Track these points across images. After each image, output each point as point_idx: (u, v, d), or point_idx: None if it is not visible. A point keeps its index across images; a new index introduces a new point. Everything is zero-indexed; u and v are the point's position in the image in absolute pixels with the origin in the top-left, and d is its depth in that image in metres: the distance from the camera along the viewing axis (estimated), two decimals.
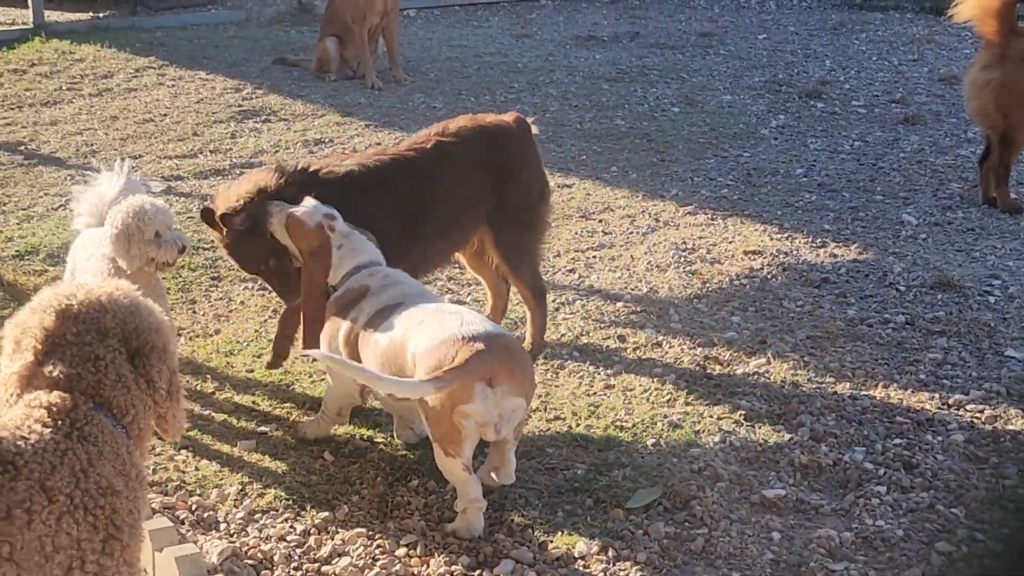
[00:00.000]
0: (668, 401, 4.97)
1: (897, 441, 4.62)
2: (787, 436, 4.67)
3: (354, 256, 4.46)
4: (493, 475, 4.19)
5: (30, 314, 2.86)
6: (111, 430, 2.74)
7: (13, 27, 12.82)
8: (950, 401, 4.95)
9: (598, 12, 14.55)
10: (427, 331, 3.96)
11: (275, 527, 4.04)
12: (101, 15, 13.88)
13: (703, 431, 4.70)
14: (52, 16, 13.17)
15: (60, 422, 2.65)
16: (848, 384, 5.11)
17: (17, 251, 5.72)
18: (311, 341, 4.39)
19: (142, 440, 2.88)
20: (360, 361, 4.20)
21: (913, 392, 5.03)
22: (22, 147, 8.57)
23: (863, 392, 5.03)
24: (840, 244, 6.75)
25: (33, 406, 2.69)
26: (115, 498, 2.66)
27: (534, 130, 5.32)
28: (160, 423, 2.95)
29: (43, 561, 2.50)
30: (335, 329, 4.35)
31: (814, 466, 4.44)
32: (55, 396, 2.71)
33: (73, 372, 2.76)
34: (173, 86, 10.33)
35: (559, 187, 7.77)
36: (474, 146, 5.12)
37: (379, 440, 4.61)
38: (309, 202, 4.53)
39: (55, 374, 2.75)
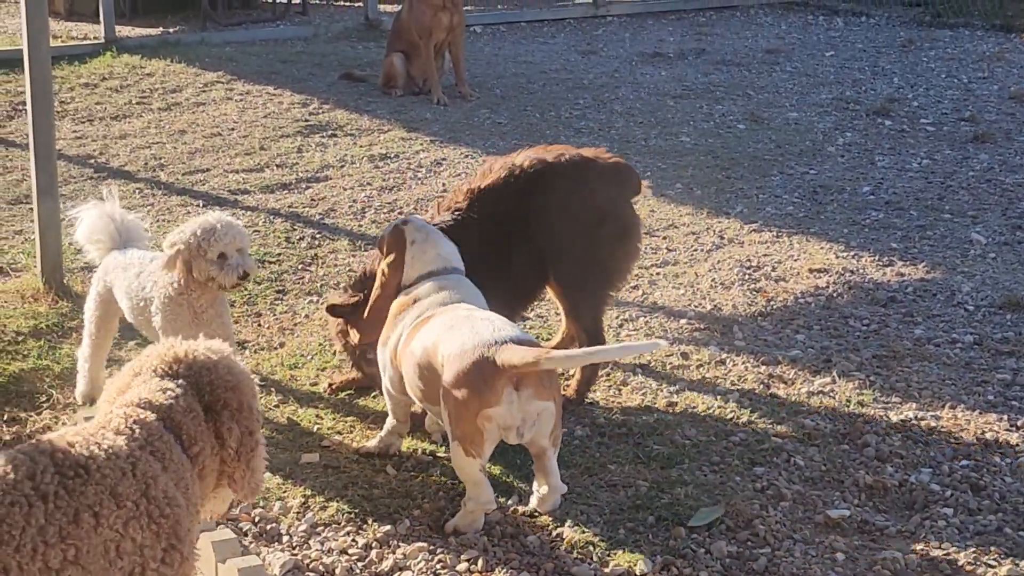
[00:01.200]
0: (731, 419, 4.94)
1: (964, 463, 4.56)
2: (852, 456, 4.63)
3: (424, 260, 4.53)
4: (539, 493, 4.18)
5: (117, 379, 3.00)
6: (179, 453, 2.79)
7: (85, 42, 12.98)
8: (1019, 423, 4.88)
9: (664, 29, 14.53)
10: (458, 336, 4.02)
11: (337, 540, 4.05)
12: (171, 30, 14.04)
13: (767, 450, 4.67)
14: (123, 31, 13.34)
15: (135, 432, 2.71)
16: (914, 404, 5.05)
17: (86, 263, 5.78)
18: (365, 339, 4.66)
19: (203, 479, 2.90)
20: (400, 372, 4.36)
21: (981, 413, 4.97)
22: (92, 160, 8.68)
23: (930, 412, 4.97)
24: (907, 263, 6.69)
25: (110, 416, 2.75)
26: (179, 510, 2.70)
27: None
28: (228, 481, 2.99)
29: (107, 566, 2.54)
30: (386, 337, 4.48)
31: (879, 487, 4.40)
32: (132, 409, 2.77)
33: (144, 398, 2.81)
34: (241, 100, 10.42)
35: None
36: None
37: (441, 455, 4.62)
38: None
39: (129, 397, 2.80)
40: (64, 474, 2.54)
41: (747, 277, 6.49)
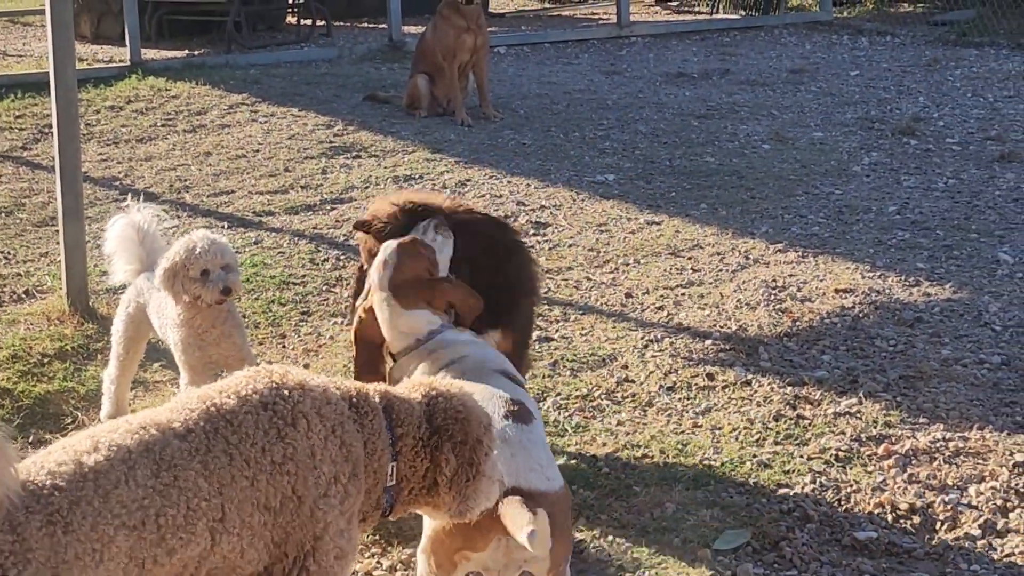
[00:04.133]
0: (757, 440, 4.92)
1: (992, 484, 4.52)
2: (879, 477, 4.60)
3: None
4: None
5: None
6: (382, 424, 3.11)
7: (111, 64, 13.08)
8: None
9: (688, 49, 14.53)
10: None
11: (362, 562, 4.04)
12: (196, 53, 14.12)
13: (793, 471, 4.64)
14: (148, 54, 13.42)
15: (349, 394, 3.13)
16: (942, 425, 5.02)
17: (111, 285, 5.80)
18: None
19: (399, 460, 3.13)
20: None
21: (1009, 434, 4.93)
22: (117, 182, 8.72)
23: (957, 434, 4.94)
24: (934, 283, 6.65)
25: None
26: (359, 455, 3.04)
27: None
28: (438, 499, 3.22)
29: (312, 467, 2.94)
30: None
31: (907, 508, 4.37)
32: (369, 386, 3.21)
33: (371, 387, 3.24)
34: (265, 122, 10.46)
35: (648, 224, 7.75)
36: None
37: None
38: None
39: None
40: (284, 386, 3.00)
41: (772, 297, 6.46)
